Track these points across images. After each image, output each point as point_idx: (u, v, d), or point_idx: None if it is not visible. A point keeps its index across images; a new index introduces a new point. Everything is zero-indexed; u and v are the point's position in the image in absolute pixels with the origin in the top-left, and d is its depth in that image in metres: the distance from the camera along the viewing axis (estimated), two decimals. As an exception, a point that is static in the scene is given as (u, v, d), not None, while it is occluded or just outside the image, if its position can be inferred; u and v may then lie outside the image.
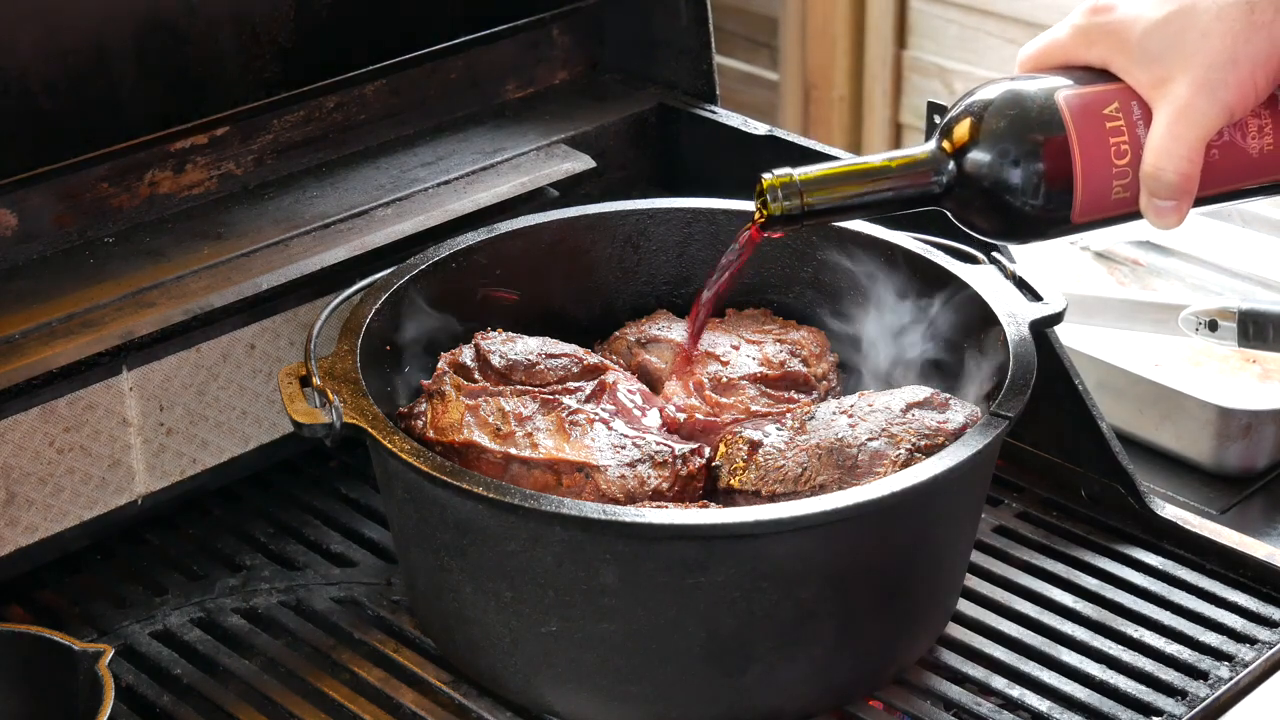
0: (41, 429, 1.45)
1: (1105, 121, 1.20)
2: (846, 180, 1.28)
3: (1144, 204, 1.21)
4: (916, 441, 1.36)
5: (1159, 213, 1.20)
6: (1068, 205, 1.21)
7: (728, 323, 1.58)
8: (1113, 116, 1.20)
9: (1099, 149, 1.20)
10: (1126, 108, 1.20)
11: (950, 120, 1.25)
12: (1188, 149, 1.17)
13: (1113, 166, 1.20)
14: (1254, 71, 1.17)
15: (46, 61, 1.53)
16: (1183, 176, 1.18)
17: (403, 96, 1.76)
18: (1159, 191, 1.19)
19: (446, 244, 1.54)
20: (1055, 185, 1.21)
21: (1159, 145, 1.18)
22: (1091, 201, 1.21)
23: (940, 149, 1.25)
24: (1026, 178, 1.21)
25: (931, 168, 1.25)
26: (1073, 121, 1.20)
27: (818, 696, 1.35)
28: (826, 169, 1.29)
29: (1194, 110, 1.17)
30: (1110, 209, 1.22)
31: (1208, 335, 1.66)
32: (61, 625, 1.45)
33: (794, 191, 1.28)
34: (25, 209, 1.52)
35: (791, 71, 3.78)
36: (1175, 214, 1.20)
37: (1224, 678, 1.40)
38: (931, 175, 1.25)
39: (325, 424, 1.31)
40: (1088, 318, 1.76)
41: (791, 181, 1.28)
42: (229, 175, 1.65)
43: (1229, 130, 1.19)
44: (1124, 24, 1.21)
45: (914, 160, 1.26)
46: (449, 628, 1.39)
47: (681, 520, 1.26)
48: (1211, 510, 1.63)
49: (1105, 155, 1.20)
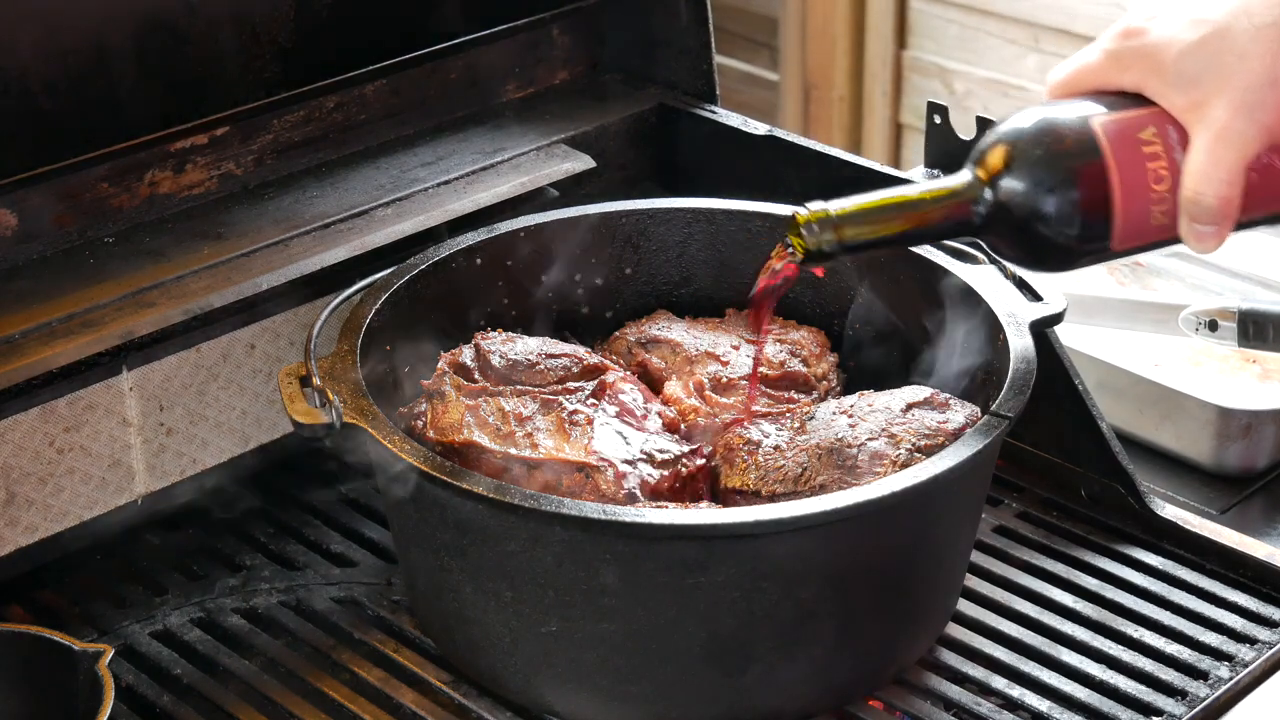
0: (41, 429, 1.45)
1: (1142, 146, 1.18)
2: (883, 214, 1.25)
3: (1184, 229, 1.18)
4: (916, 441, 1.36)
5: (1199, 238, 1.18)
6: (1106, 233, 1.19)
7: (728, 323, 1.58)
8: (1149, 141, 1.18)
9: (1137, 175, 1.18)
10: (1163, 132, 1.18)
11: (984, 149, 1.22)
12: (1227, 172, 1.15)
13: (1151, 192, 1.17)
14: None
15: (46, 61, 1.53)
16: (1223, 200, 1.16)
17: (403, 96, 1.76)
18: (1199, 216, 1.17)
19: (446, 244, 1.54)
20: (1094, 213, 1.18)
21: (1198, 169, 1.16)
22: (1131, 228, 1.18)
23: (976, 179, 1.22)
24: (1064, 206, 1.18)
25: (969, 199, 1.22)
26: (1110, 147, 1.18)
27: (818, 696, 1.35)
28: (862, 203, 1.25)
29: (1232, 132, 1.15)
30: (1150, 235, 1.20)
31: (1208, 335, 1.66)
32: (61, 625, 1.45)
33: (830, 226, 1.24)
34: (25, 209, 1.52)
35: (791, 71, 3.78)
36: (1215, 238, 1.18)
37: (1224, 678, 1.40)
38: (970, 206, 1.22)
39: (325, 424, 1.32)
40: (1088, 318, 1.76)
41: (827, 216, 1.24)
42: (229, 175, 1.65)
43: (1267, 153, 1.17)
44: (1158, 47, 1.18)
45: (951, 191, 1.23)
46: (449, 628, 1.39)
47: (681, 520, 1.26)
48: (1211, 510, 1.63)
49: (1143, 181, 1.17)
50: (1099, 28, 3.27)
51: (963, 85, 3.49)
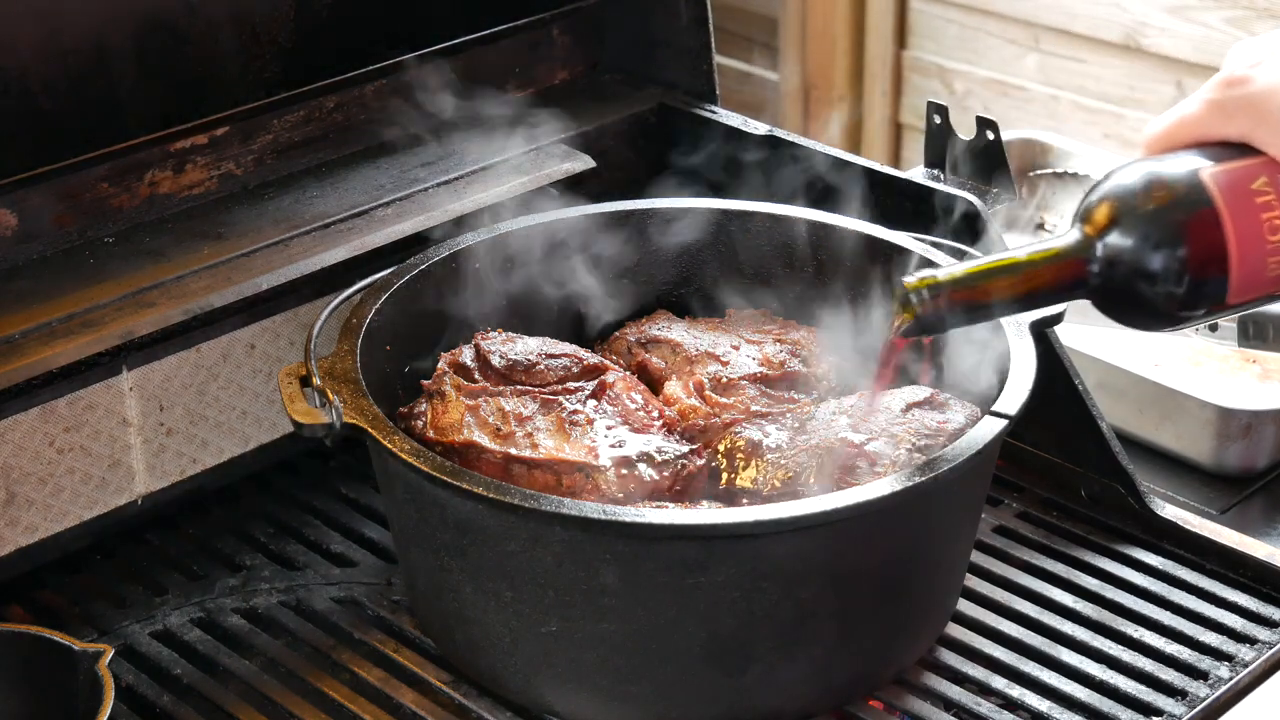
0: (41, 429, 1.45)
1: (1255, 197, 1.15)
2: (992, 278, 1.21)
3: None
4: (916, 441, 1.36)
5: None
6: (1223, 286, 1.16)
7: (728, 323, 1.58)
8: (1263, 191, 1.15)
9: (1252, 226, 1.15)
10: (1275, 181, 1.15)
11: (1090, 206, 1.19)
12: None
13: (1266, 243, 1.15)
14: None
15: (46, 61, 1.53)
16: None
17: (403, 96, 1.76)
18: None
19: (446, 244, 1.54)
20: (1209, 267, 1.16)
21: None
22: (1247, 280, 1.16)
23: (1084, 236, 1.19)
24: (1178, 261, 1.16)
25: (1080, 258, 1.19)
26: (1222, 198, 1.15)
27: (818, 696, 1.35)
28: (971, 268, 1.22)
29: None
30: (1266, 287, 1.17)
31: (1208, 335, 1.65)
32: (61, 625, 1.45)
33: (939, 294, 1.21)
34: (25, 209, 1.52)
35: (791, 71, 3.78)
36: None
37: (1224, 678, 1.40)
38: (1082, 266, 1.19)
39: (325, 424, 1.31)
40: (1088, 318, 1.75)
41: (936, 283, 1.21)
42: (229, 175, 1.65)
43: None
44: (1265, 95, 1.16)
45: (1059, 252, 1.20)
46: (449, 628, 1.39)
47: (681, 520, 1.26)
48: (1211, 510, 1.63)
49: (1259, 232, 1.15)
50: (1099, 28, 3.27)
51: (963, 85, 3.49)
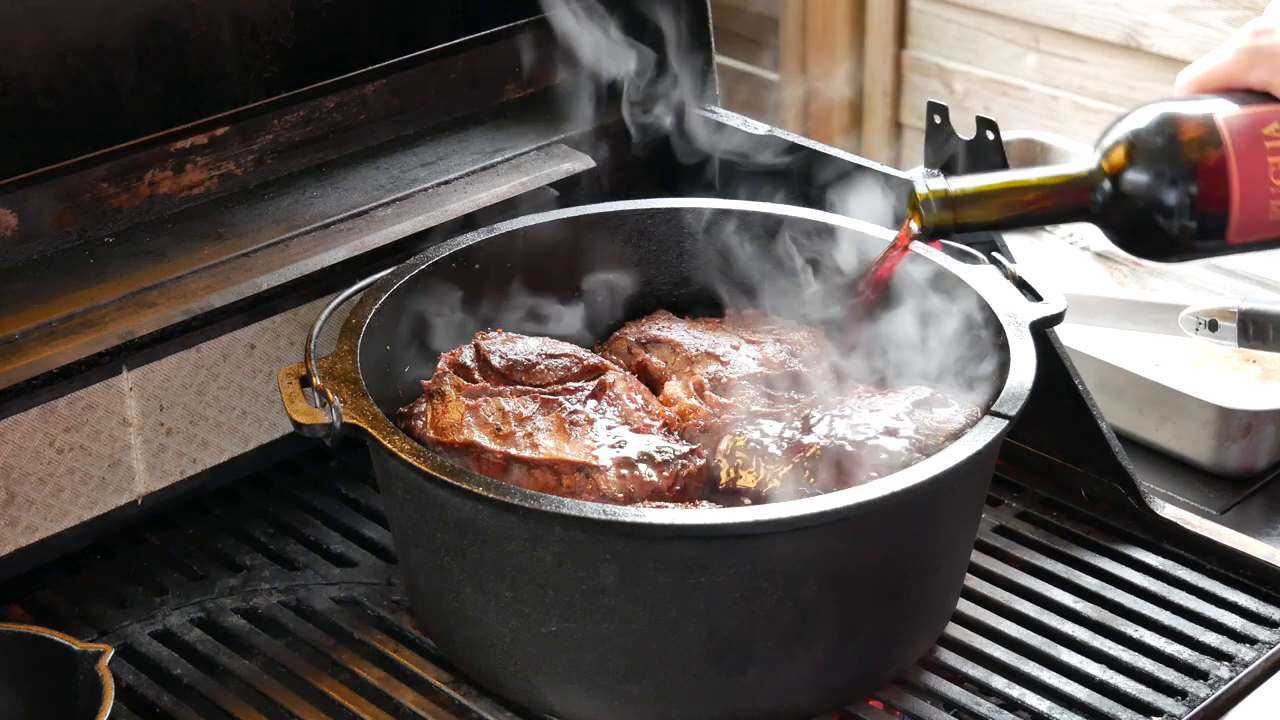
0: (41, 429, 1.45)
1: (1265, 140, 1.20)
2: (1001, 196, 1.29)
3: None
4: (916, 441, 1.36)
5: None
6: (1224, 224, 1.21)
7: (728, 323, 1.58)
8: (1273, 136, 1.20)
9: (1257, 167, 1.19)
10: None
11: (1108, 138, 1.25)
12: None
13: (1270, 185, 1.19)
14: None
15: (46, 61, 1.53)
16: None
17: (403, 96, 1.76)
18: None
19: (446, 244, 1.54)
20: (1212, 203, 1.20)
21: None
22: (1249, 221, 1.20)
23: (1098, 166, 1.25)
24: (1183, 196, 1.21)
25: (1089, 185, 1.25)
26: (1231, 139, 1.20)
27: (818, 696, 1.35)
28: (982, 184, 1.29)
29: None
30: (1268, 230, 1.21)
31: (1208, 335, 1.66)
32: (61, 625, 1.45)
33: (949, 205, 1.29)
34: (25, 209, 1.52)
35: (791, 71, 3.78)
36: None
37: (1224, 678, 1.40)
38: (1089, 193, 1.25)
39: (325, 424, 1.32)
40: (1088, 318, 1.76)
41: (947, 195, 1.29)
42: (229, 175, 1.65)
43: None
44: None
45: (1071, 178, 1.26)
46: (449, 628, 1.39)
47: (681, 520, 1.26)
48: (1211, 510, 1.63)
49: (1263, 174, 1.19)
50: (1098, 28, 3.28)
51: (963, 85, 3.49)
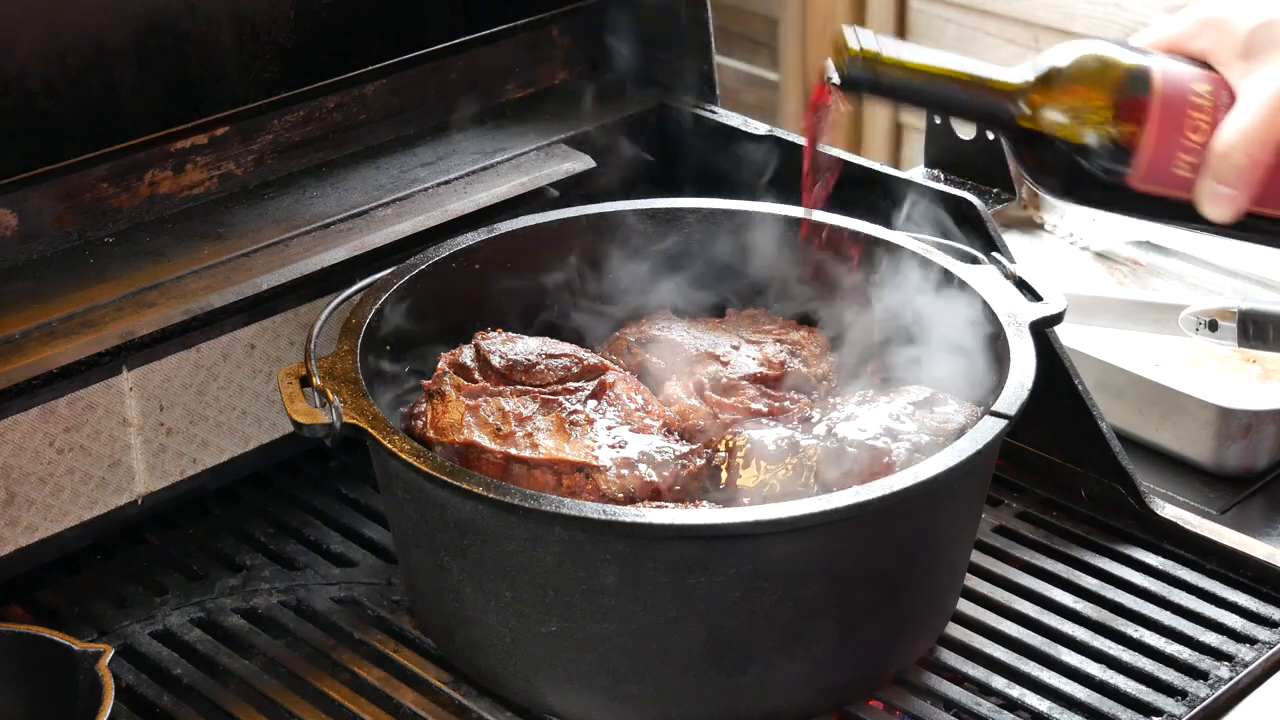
0: (41, 429, 1.45)
1: (1190, 95, 1.22)
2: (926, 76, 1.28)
3: (1203, 186, 1.21)
4: (916, 441, 1.36)
5: (1214, 198, 1.21)
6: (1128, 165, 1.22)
7: (728, 323, 1.58)
8: (1200, 94, 1.22)
9: (1176, 118, 1.21)
10: (1218, 94, 1.22)
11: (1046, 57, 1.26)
12: (1262, 136, 1.18)
13: (1183, 139, 1.21)
14: None
15: (46, 61, 1.53)
16: (1251, 161, 1.19)
17: (403, 96, 1.76)
18: (1222, 174, 1.20)
19: (446, 244, 1.54)
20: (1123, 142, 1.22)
21: (1236, 125, 1.19)
22: (1154, 168, 1.22)
23: (1032, 80, 1.25)
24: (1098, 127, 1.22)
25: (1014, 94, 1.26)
26: (1160, 87, 1.21)
27: (818, 696, 1.35)
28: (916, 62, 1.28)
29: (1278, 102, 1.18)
30: (1167, 183, 1.23)
31: (1208, 335, 1.66)
32: (61, 625, 1.45)
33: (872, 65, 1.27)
34: (25, 209, 1.52)
35: (791, 71, 3.78)
36: (1231, 204, 1.21)
37: (1224, 678, 1.40)
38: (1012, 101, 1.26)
39: (325, 424, 1.32)
40: (1088, 318, 1.76)
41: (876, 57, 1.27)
42: (229, 175, 1.65)
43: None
44: (1236, 19, 1.23)
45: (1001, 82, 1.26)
46: (449, 628, 1.39)
47: (681, 520, 1.26)
48: (1211, 510, 1.63)
49: (1180, 126, 1.21)
50: (1098, 28, 3.27)
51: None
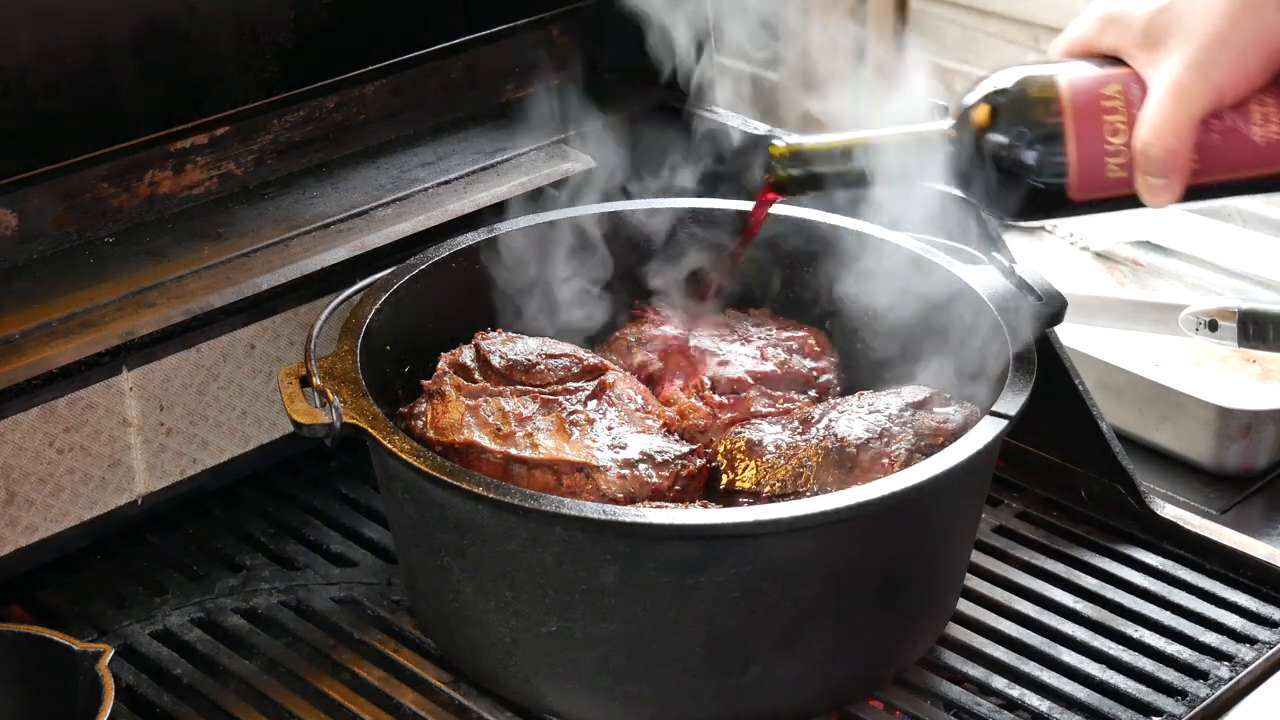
0: (41, 429, 1.45)
1: (1102, 100, 1.23)
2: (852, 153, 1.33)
3: (1138, 182, 1.23)
4: (916, 441, 1.36)
5: (1150, 190, 1.23)
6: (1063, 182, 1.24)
7: (728, 322, 1.58)
8: (1111, 96, 1.23)
9: (1094, 127, 1.23)
10: (1128, 90, 1.23)
11: (963, 100, 1.29)
12: (1176, 125, 1.19)
13: (1105, 144, 1.23)
14: (1244, 53, 1.19)
15: (46, 61, 1.53)
16: (1170, 153, 1.20)
17: (403, 96, 1.76)
18: (1148, 167, 1.21)
19: (446, 244, 1.54)
20: (1051, 161, 1.24)
21: (1148, 121, 1.21)
22: (1087, 179, 1.24)
23: (951, 127, 1.29)
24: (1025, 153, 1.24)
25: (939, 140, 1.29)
26: (1071, 99, 1.23)
27: (818, 696, 1.35)
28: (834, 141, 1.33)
29: (1183, 87, 1.19)
30: (1107, 187, 1.24)
31: (1208, 335, 1.66)
32: (61, 625, 1.45)
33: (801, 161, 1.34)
34: (25, 209, 1.52)
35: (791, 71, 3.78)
36: (1167, 192, 1.22)
37: (1224, 678, 1.40)
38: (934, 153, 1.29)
39: (325, 424, 1.32)
40: (1088, 318, 1.76)
41: (799, 151, 1.34)
42: (229, 175, 1.65)
43: (1231, 115, 1.21)
44: (1133, 11, 1.24)
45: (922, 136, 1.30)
46: (449, 628, 1.39)
47: (681, 520, 1.26)
48: (1211, 510, 1.63)
49: (1098, 133, 1.23)
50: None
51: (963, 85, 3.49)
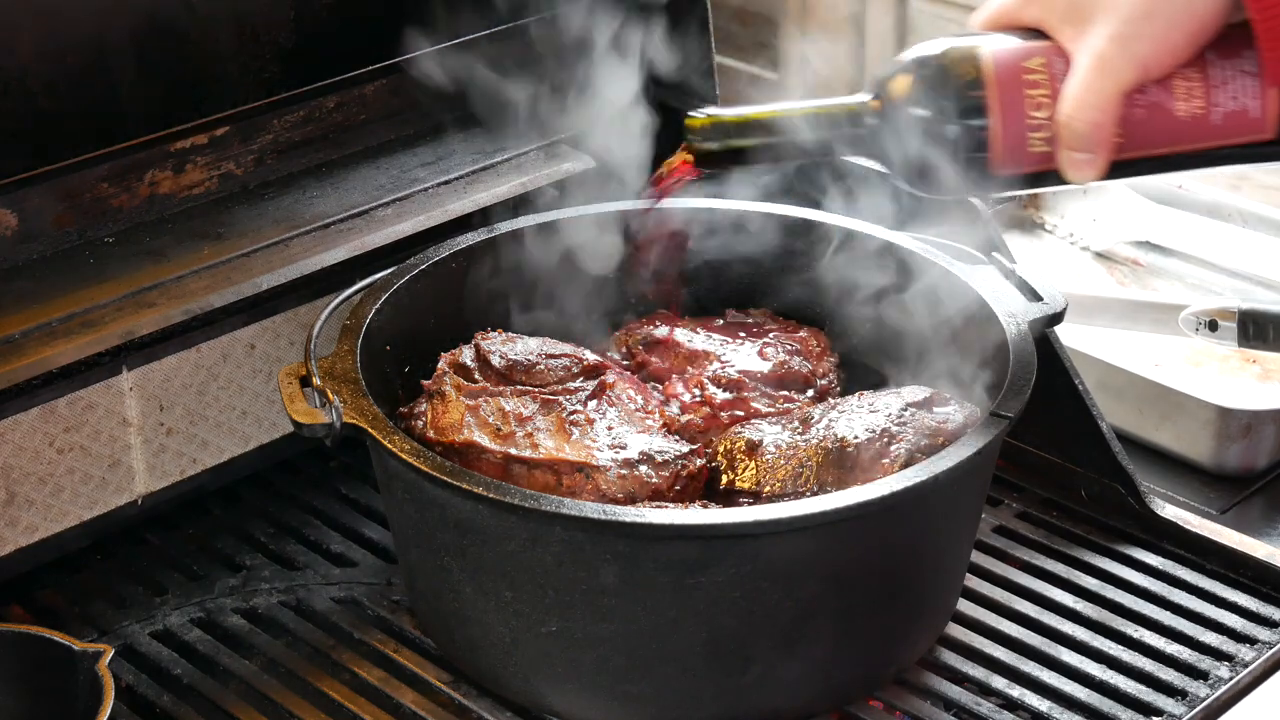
0: (41, 429, 1.45)
1: (1025, 74, 1.22)
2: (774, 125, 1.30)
3: (1061, 157, 1.22)
4: (916, 441, 1.36)
5: (1073, 165, 1.22)
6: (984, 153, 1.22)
7: (728, 322, 1.58)
8: (1034, 70, 1.22)
9: (1015, 99, 1.21)
10: (1051, 63, 1.21)
11: (884, 71, 1.26)
12: (1099, 99, 1.18)
13: (1028, 118, 1.21)
14: (1169, 28, 1.18)
15: (46, 61, 1.52)
16: (1093, 127, 1.19)
17: (403, 96, 1.76)
18: (1072, 142, 1.20)
19: (446, 244, 1.54)
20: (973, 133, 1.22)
21: (1072, 95, 1.19)
22: (1009, 152, 1.22)
23: (872, 99, 1.26)
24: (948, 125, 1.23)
25: (860, 115, 1.26)
26: (994, 72, 1.21)
27: (818, 696, 1.35)
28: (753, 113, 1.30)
29: (1107, 61, 1.18)
30: (1030, 161, 1.23)
31: (1208, 335, 1.66)
32: (61, 625, 1.45)
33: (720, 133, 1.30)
34: (25, 209, 1.52)
35: (791, 71, 3.78)
36: (1090, 167, 1.21)
37: (1224, 678, 1.40)
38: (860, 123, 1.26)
39: (325, 424, 1.32)
40: (1088, 318, 1.76)
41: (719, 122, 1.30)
42: (229, 175, 1.65)
43: (1155, 90, 1.19)
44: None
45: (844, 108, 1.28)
46: (449, 628, 1.39)
47: (681, 520, 1.26)
48: (1211, 510, 1.63)
49: (1021, 107, 1.21)
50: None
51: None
